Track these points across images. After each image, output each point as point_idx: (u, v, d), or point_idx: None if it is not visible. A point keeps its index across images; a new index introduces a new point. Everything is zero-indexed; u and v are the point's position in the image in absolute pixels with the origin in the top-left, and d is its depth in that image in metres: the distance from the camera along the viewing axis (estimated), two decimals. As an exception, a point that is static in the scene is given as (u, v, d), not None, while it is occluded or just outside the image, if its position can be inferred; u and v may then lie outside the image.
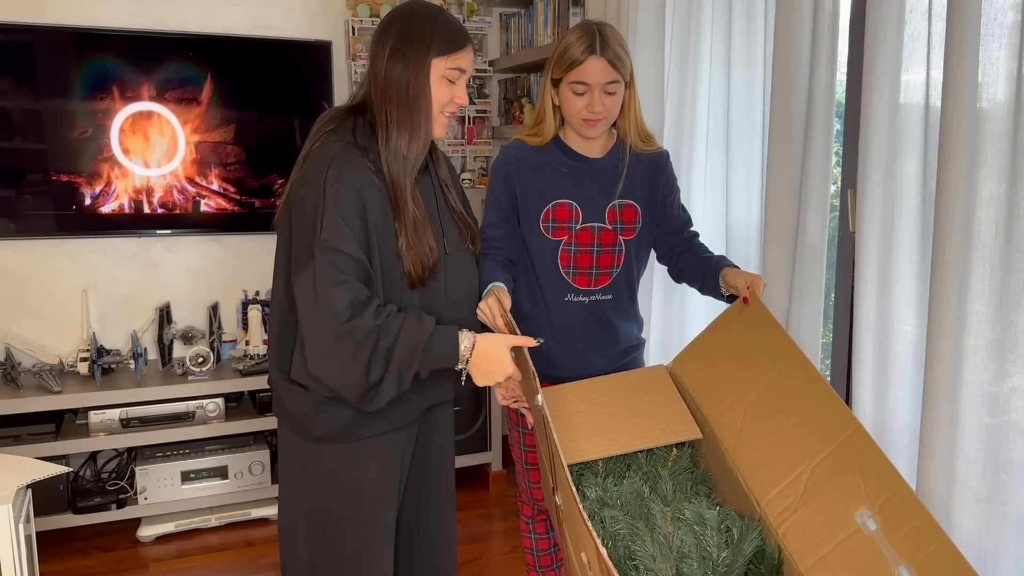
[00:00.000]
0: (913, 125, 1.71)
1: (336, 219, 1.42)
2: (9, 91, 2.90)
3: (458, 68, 1.52)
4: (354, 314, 1.40)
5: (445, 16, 1.53)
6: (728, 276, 1.80)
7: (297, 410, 1.56)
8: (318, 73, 3.27)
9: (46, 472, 1.70)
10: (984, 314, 1.49)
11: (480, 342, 1.48)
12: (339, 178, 1.44)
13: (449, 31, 1.51)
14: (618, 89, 1.82)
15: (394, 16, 1.53)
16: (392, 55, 1.49)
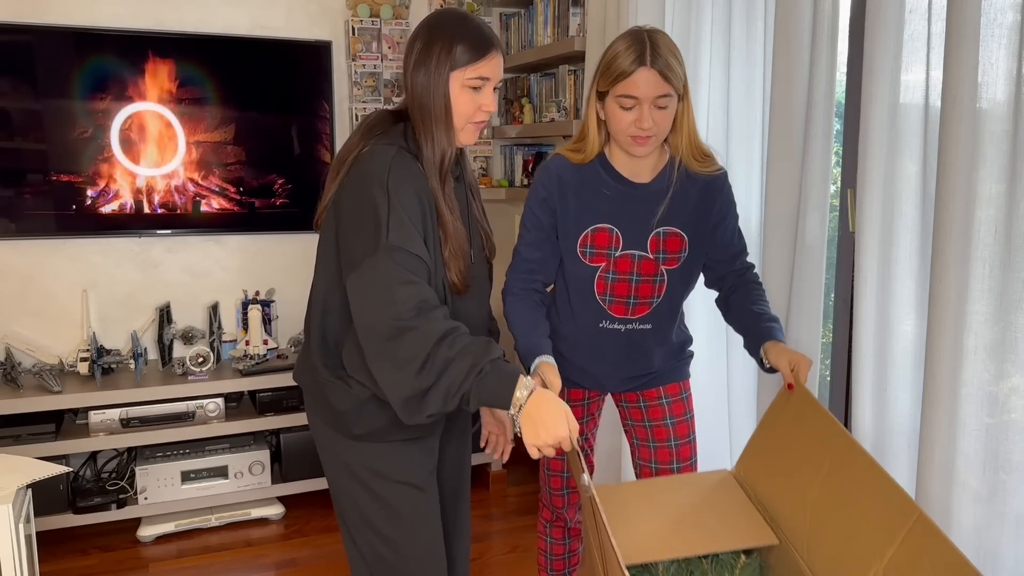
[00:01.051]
0: (913, 125, 1.71)
1: (403, 220, 1.42)
2: (9, 91, 2.90)
3: (480, 77, 1.50)
4: (420, 312, 1.39)
5: (468, 24, 1.51)
6: (771, 353, 1.70)
7: (341, 406, 1.56)
8: (318, 73, 3.27)
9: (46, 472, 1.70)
10: (984, 314, 1.49)
11: (539, 393, 1.39)
12: (401, 181, 1.45)
13: (470, 40, 1.49)
14: (670, 103, 1.64)
15: (421, 25, 1.53)
16: (416, 66, 1.50)
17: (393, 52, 3.40)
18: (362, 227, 1.44)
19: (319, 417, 1.62)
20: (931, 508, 1.58)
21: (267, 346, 3.20)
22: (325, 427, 1.61)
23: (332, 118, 3.31)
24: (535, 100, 3.35)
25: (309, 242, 3.43)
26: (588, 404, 1.99)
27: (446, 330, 1.38)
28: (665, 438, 1.94)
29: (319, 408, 1.61)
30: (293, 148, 3.29)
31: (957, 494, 1.55)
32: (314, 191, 3.33)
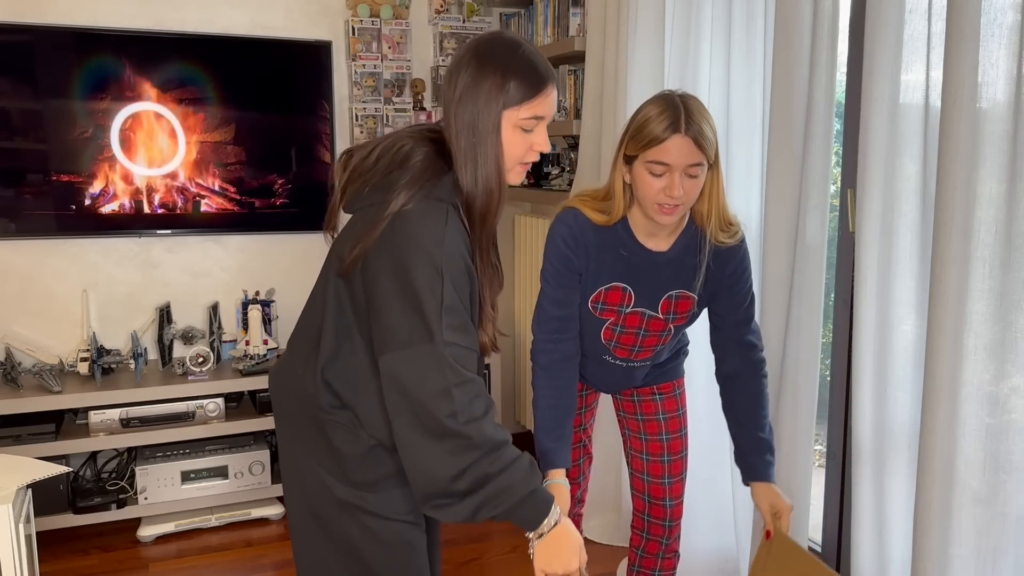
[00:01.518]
0: (913, 125, 1.71)
1: (457, 308, 1.29)
2: (9, 91, 2.90)
3: (534, 116, 1.35)
4: (472, 420, 1.28)
5: (522, 55, 1.34)
6: (757, 492, 1.79)
7: (343, 448, 1.41)
8: (318, 73, 3.27)
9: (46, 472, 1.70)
10: (984, 314, 1.49)
11: (562, 525, 1.37)
12: (454, 255, 1.30)
13: (524, 75, 1.33)
14: (701, 172, 1.60)
15: (467, 52, 1.36)
16: (462, 100, 1.34)
17: (393, 52, 3.40)
18: (410, 307, 1.28)
19: (304, 449, 1.45)
20: (931, 508, 1.58)
21: (267, 346, 3.20)
22: (310, 461, 1.44)
23: (332, 118, 3.31)
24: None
25: (309, 242, 3.43)
26: (586, 395, 2.04)
27: (494, 443, 1.30)
28: (656, 432, 1.99)
29: (309, 441, 1.44)
30: (293, 148, 3.29)
31: (957, 494, 1.55)
32: (314, 191, 3.33)
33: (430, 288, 1.28)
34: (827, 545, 2.17)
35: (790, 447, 2.07)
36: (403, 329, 1.28)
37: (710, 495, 2.51)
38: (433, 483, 1.30)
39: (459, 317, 1.30)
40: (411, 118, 3.46)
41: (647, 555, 2.05)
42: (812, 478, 2.09)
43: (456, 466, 1.28)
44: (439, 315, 1.27)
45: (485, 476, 1.29)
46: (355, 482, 1.42)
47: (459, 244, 1.32)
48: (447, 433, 1.28)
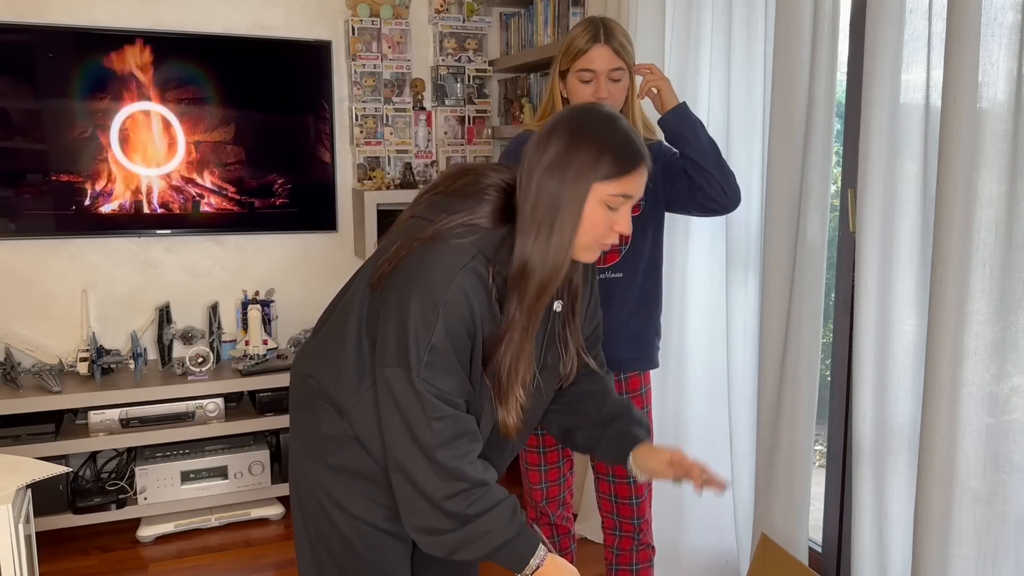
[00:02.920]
0: (913, 125, 1.71)
1: (444, 350, 1.27)
2: (9, 91, 2.89)
3: (623, 194, 1.30)
4: (454, 457, 1.28)
5: (619, 130, 1.30)
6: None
7: (326, 430, 1.41)
8: (318, 73, 3.27)
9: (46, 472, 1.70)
10: (984, 314, 1.49)
11: (552, 561, 1.34)
12: (458, 303, 1.27)
13: (620, 151, 1.29)
14: (623, 77, 1.87)
15: (562, 121, 1.32)
16: (550, 167, 1.29)
17: (393, 52, 3.40)
18: (401, 332, 1.28)
19: (299, 422, 1.49)
20: (931, 508, 1.58)
21: (267, 346, 3.20)
22: (296, 441, 1.48)
23: (332, 118, 3.31)
24: (535, 100, 3.35)
25: (309, 242, 3.43)
26: None
27: (476, 481, 1.29)
28: None
29: (303, 425, 1.47)
30: (293, 148, 3.29)
31: (957, 494, 1.55)
32: (314, 191, 3.33)
33: (422, 321, 1.26)
34: (827, 545, 2.17)
35: (790, 447, 2.07)
36: (389, 349, 1.29)
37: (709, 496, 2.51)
38: (423, 499, 1.30)
39: (444, 360, 1.27)
40: (411, 118, 3.46)
41: (622, 551, 2.07)
42: (812, 478, 2.09)
43: (446, 490, 1.28)
44: (420, 350, 1.26)
45: (465, 516, 1.29)
46: (329, 464, 1.42)
47: (469, 297, 1.27)
48: (428, 466, 1.28)
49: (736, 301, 2.34)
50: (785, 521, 2.09)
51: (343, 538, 1.44)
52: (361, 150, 3.41)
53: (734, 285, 2.35)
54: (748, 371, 2.32)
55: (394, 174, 3.46)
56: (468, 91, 3.53)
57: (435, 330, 1.26)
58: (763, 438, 2.18)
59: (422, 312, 1.26)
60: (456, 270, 1.27)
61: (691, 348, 2.49)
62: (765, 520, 2.16)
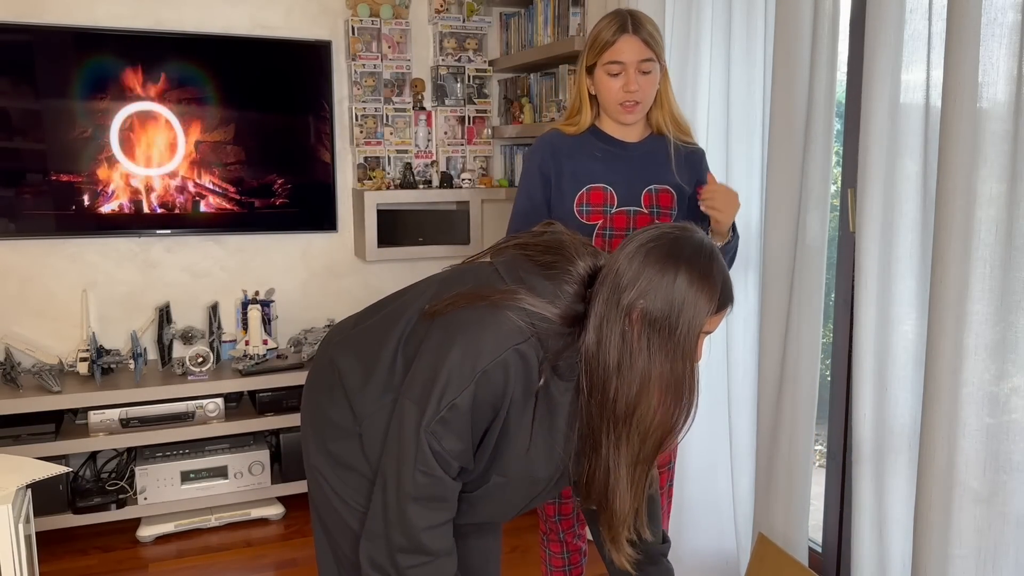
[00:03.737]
0: (913, 125, 1.71)
1: (463, 412, 1.25)
2: (9, 91, 2.89)
3: (705, 332, 1.27)
4: (420, 518, 1.29)
5: (720, 266, 1.27)
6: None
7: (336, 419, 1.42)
8: (318, 73, 3.27)
9: (46, 472, 1.70)
10: (984, 314, 1.49)
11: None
12: (494, 379, 1.24)
13: (724, 289, 1.27)
14: (653, 68, 1.80)
15: (661, 246, 1.24)
16: (652, 347, 1.23)
17: (393, 52, 3.40)
18: (431, 377, 1.27)
19: (312, 397, 1.49)
20: (931, 508, 1.58)
21: (267, 346, 3.20)
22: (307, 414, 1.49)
23: (332, 118, 3.31)
24: (535, 100, 3.35)
25: (309, 242, 3.43)
26: None
27: (428, 552, 1.30)
28: None
29: (318, 392, 1.47)
30: (293, 148, 3.29)
31: (957, 494, 1.55)
32: (314, 191, 3.33)
33: (455, 378, 1.24)
34: (827, 545, 2.17)
35: (790, 447, 2.07)
36: (418, 386, 1.28)
37: (709, 496, 2.51)
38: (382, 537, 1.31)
39: (459, 423, 1.25)
40: (411, 118, 3.46)
41: None
42: (812, 478, 2.09)
43: (402, 543, 1.29)
44: (441, 404, 1.25)
45: (406, 574, 1.30)
46: (329, 450, 1.43)
47: (510, 376, 1.25)
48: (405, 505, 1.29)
49: (736, 301, 2.34)
50: (785, 521, 2.09)
51: (344, 523, 1.45)
52: (361, 150, 3.41)
53: (734, 285, 2.34)
54: (748, 371, 2.32)
55: (394, 174, 3.46)
56: (468, 91, 3.53)
57: (464, 393, 1.24)
58: (763, 438, 2.18)
59: (460, 369, 1.24)
60: (507, 346, 1.24)
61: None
62: (764, 520, 2.16)
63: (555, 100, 3.18)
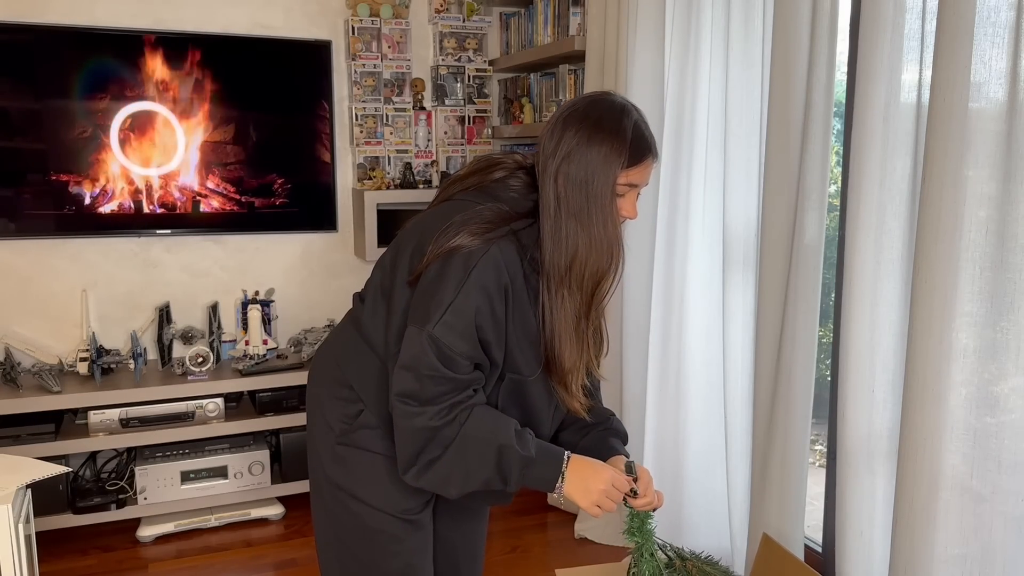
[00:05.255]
0: (906, 124, 1.70)
1: (465, 312, 1.31)
2: (9, 91, 2.90)
3: (630, 184, 1.36)
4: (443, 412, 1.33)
5: (637, 122, 1.35)
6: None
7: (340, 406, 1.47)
8: (318, 73, 3.27)
9: (46, 472, 1.70)
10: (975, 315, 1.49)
11: (576, 464, 1.38)
12: (488, 268, 1.32)
13: (636, 141, 1.34)
14: None
15: (577, 111, 1.35)
16: (571, 156, 1.33)
17: (393, 52, 3.40)
18: (428, 296, 1.33)
19: (315, 401, 1.54)
20: (933, 508, 1.58)
21: (267, 346, 3.20)
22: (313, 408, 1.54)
23: (332, 118, 3.31)
24: (535, 100, 3.35)
25: (309, 242, 3.43)
26: None
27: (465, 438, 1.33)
28: None
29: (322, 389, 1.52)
30: (293, 148, 3.29)
31: (957, 495, 1.55)
32: (314, 191, 3.33)
33: (452, 283, 1.31)
34: (827, 545, 2.17)
35: (785, 447, 2.07)
36: (419, 311, 1.34)
37: (705, 495, 2.51)
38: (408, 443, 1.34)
39: (463, 321, 1.31)
40: (411, 117, 3.46)
41: None
42: (809, 478, 2.09)
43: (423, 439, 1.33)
44: (441, 309, 1.30)
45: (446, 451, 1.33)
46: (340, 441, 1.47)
47: (501, 265, 1.32)
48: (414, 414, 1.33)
49: (734, 301, 2.34)
50: (780, 521, 2.09)
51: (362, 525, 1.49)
52: (361, 150, 3.41)
53: (731, 285, 2.35)
54: (745, 371, 2.32)
55: (394, 174, 3.46)
56: (468, 91, 3.54)
57: (461, 291, 1.31)
58: (759, 438, 2.18)
59: (454, 276, 1.31)
60: (491, 242, 1.32)
61: (689, 348, 2.49)
62: (761, 520, 2.16)
63: (555, 100, 3.19)
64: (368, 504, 1.48)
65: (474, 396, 1.36)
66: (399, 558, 1.51)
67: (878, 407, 1.79)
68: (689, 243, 2.45)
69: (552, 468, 1.37)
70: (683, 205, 2.45)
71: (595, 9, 2.79)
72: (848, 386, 1.82)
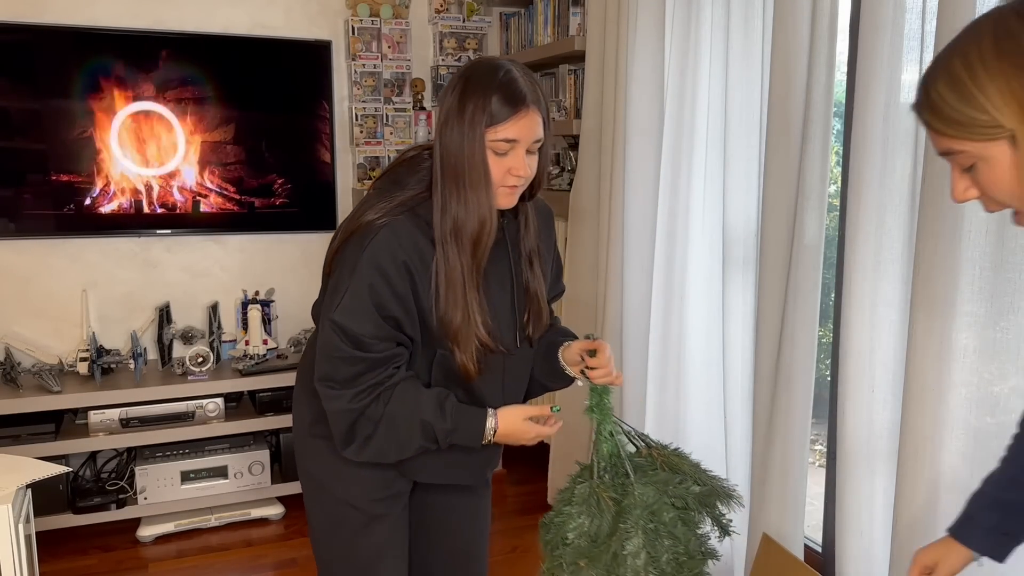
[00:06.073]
0: (906, 124, 1.70)
1: (360, 294, 1.36)
2: (9, 91, 2.90)
3: (506, 139, 1.35)
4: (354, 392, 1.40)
5: (503, 77, 1.35)
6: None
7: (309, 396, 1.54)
8: (318, 72, 3.27)
9: (46, 472, 1.70)
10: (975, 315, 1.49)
11: (501, 420, 1.45)
12: (377, 258, 1.37)
13: (502, 96, 1.33)
14: None
15: (456, 74, 1.40)
16: (447, 120, 1.36)
17: (393, 52, 3.40)
18: (333, 284, 1.43)
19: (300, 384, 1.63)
20: (932, 509, 1.58)
21: (267, 346, 3.20)
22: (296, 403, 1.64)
23: (332, 118, 3.31)
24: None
25: (309, 242, 3.43)
26: None
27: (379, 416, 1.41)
28: None
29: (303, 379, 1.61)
30: (293, 148, 3.29)
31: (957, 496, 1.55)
32: (314, 191, 3.33)
33: (349, 270, 1.38)
34: (827, 545, 2.17)
35: (784, 447, 2.06)
36: (327, 305, 1.43)
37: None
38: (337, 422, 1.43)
39: (361, 303, 1.36)
40: (411, 118, 3.46)
41: None
42: (809, 478, 2.09)
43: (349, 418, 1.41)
44: (341, 295, 1.37)
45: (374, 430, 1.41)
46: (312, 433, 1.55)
47: (395, 246, 1.36)
48: (327, 398, 1.42)
49: (733, 301, 2.34)
50: (780, 521, 2.09)
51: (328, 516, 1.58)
52: (361, 150, 3.41)
53: (731, 285, 2.35)
54: (745, 371, 2.32)
55: (394, 174, 3.46)
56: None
57: (355, 274, 1.36)
58: (759, 438, 2.18)
59: (351, 263, 1.38)
60: (384, 223, 1.37)
61: (689, 348, 2.49)
62: (761, 520, 2.16)
63: (555, 100, 3.19)
64: (333, 494, 1.56)
65: (396, 374, 1.42)
66: (367, 548, 1.57)
67: (878, 407, 1.79)
68: (689, 243, 2.45)
69: (474, 431, 1.44)
70: (683, 205, 2.45)
71: (595, 9, 2.79)
72: (848, 386, 1.81)
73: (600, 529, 1.36)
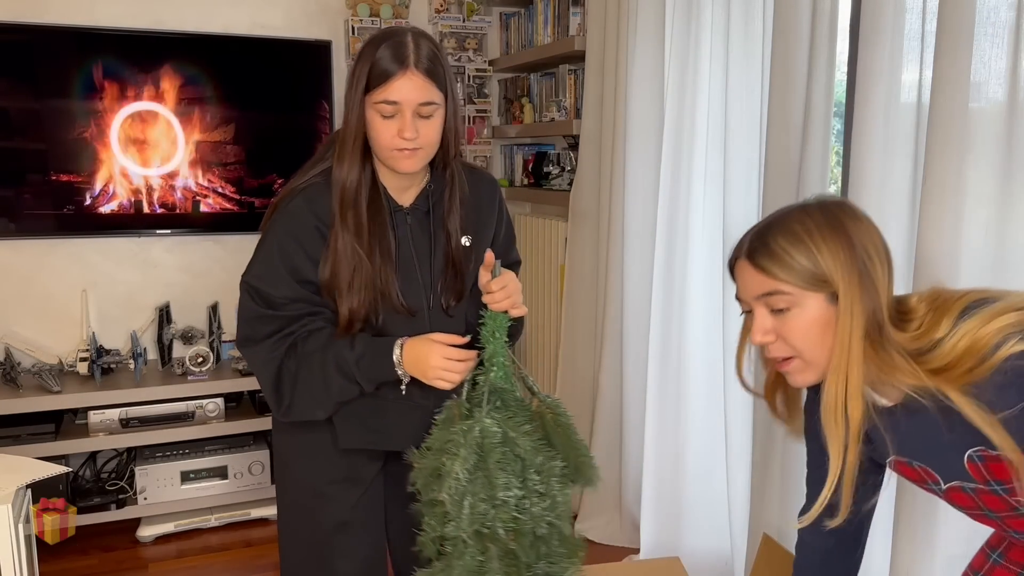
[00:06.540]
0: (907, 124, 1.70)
1: (269, 256, 1.46)
2: (9, 91, 2.90)
3: (386, 101, 1.37)
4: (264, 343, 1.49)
5: (388, 42, 1.38)
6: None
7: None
8: (318, 73, 3.27)
9: (46, 472, 1.70)
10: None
11: (408, 351, 1.45)
12: (285, 219, 1.46)
13: (382, 60, 1.36)
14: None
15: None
16: (347, 88, 1.44)
17: (393, 52, 3.40)
18: (252, 256, 1.51)
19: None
20: (931, 510, 1.58)
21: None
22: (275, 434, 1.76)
23: (332, 118, 3.31)
24: (535, 99, 3.35)
25: (309, 242, 3.43)
26: None
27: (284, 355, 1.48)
28: None
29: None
30: (293, 148, 3.29)
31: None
32: (314, 191, 3.33)
33: (263, 236, 1.48)
34: (826, 545, 2.17)
35: (785, 447, 2.06)
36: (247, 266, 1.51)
37: (705, 495, 2.51)
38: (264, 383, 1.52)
39: (271, 267, 1.45)
40: (411, 118, 3.46)
41: None
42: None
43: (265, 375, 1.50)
44: (256, 258, 1.47)
45: (293, 376, 1.48)
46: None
47: (304, 211, 1.44)
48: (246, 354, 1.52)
49: (733, 301, 2.34)
50: (780, 521, 2.09)
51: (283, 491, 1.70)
52: (361, 150, 3.41)
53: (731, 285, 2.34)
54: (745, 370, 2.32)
55: (394, 174, 3.46)
56: (468, 91, 3.54)
57: (266, 239, 1.45)
58: (759, 438, 2.18)
59: (269, 227, 1.46)
60: (300, 192, 1.45)
61: (689, 348, 2.49)
62: (761, 520, 2.16)
63: (555, 100, 3.19)
64: (294, 473, 1.65)
65: (310, 323, 1.48)
66: (319, 531, 1.61)
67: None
68: (689, 243, 2.45)
69: (384, 358, 1.45)
70: (683, 205, 2.45)
71: (595, 9, 2.79)
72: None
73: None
